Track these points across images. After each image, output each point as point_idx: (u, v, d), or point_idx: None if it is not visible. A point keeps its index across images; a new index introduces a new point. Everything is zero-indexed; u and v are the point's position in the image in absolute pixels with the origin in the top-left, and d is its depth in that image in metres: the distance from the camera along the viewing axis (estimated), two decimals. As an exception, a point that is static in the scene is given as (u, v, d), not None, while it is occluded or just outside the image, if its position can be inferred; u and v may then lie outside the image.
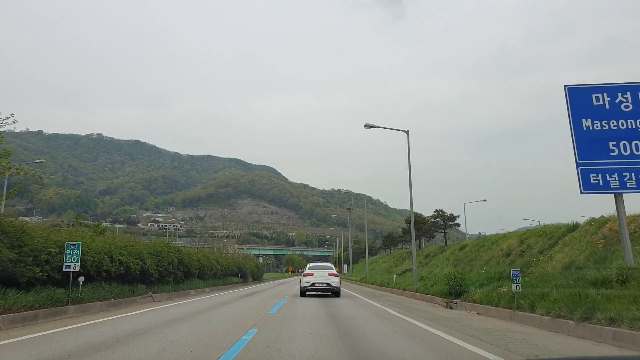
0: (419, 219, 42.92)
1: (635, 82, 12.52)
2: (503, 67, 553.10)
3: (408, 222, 43.27)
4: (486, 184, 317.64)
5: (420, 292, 20.88)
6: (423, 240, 43.20)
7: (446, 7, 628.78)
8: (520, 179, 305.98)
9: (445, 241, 33.47)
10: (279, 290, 27.34)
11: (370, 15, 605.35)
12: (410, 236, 45.01)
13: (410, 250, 44.29)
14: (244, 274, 39.26)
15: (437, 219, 34.00)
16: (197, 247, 30.78)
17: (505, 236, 22.54)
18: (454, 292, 17.03)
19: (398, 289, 25.30)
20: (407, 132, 25.04)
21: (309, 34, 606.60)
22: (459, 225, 33.90)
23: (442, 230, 34.07)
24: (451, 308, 16.16)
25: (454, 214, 33.75)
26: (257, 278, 47.56)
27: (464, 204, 50.66)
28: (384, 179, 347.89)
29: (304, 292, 19.92)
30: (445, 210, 44.95)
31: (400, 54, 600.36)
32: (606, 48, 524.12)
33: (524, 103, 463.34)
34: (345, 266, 74.27)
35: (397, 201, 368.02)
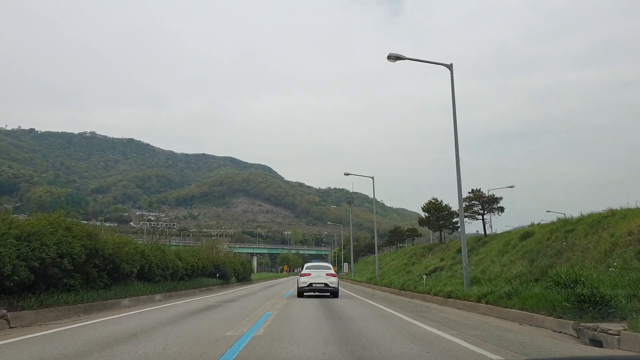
0: (438, 206, 34.51)
1: None
2: (503, 66, 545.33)
3: (427, 210, 34.89)
4: (484, 183, 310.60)
5: (487, 303, 12.44)
6: (444, 232, 34.78)
7: (445, 6, 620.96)
8: (518, 179, 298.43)
9: (485, 231, 24.83)
10: (264, 297, 18.86)
11: (369, 13, 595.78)
12: (429, 226, 36.73)
13: (429, 246, 35.84)
14: (223, 274, 30.67)
15: (473, 202, 25.43)
16: (154, 242, 21.88)
17: (614, 213, 14.09)
18: (590, 310, 8.59)
19: (435, 295, 16.85)
20: (449, 65, 17.33)
21: (308, 34, 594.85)
22: (502, 209, 25.34)
23: (481, 217, 25.46)
24: (600, 344, 7.74)
25: (495, 195, 25.07)
26: (244, 279, 38.98)
27: (488, 190, 42.21)
28: (381, 179, 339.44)
29: (301, 293, 19.04)
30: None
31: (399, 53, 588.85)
32: (606, 48, 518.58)
33: (523, 103, 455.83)
34: (345, 265, 65.38)
35: (394, 200, 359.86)
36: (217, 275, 29.49)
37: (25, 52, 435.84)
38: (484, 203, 24.61)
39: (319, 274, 19.12)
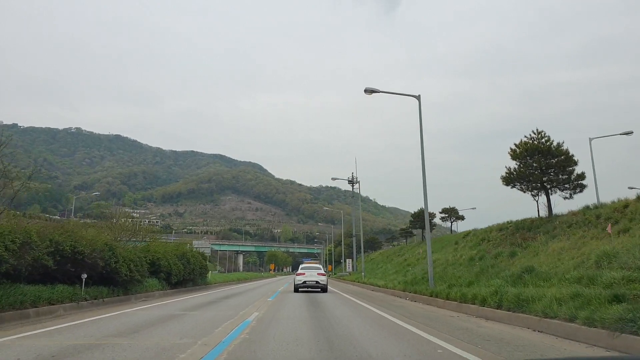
0: (547, 149, 17.44)
1: None
2: (495, 66, 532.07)
3: (519, 156, 17.75)
4: (477, 182, 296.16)
5: None
6: (556, 196, 17.75)
7: (438, 5, 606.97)
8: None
9: None
10: None
11: (361, 10, 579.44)
12: (522, 185, 19.46)
13: (522, 223, 18.64)
14: (106, 274, 13.24)
15: None
16: None
17: None
18: None
19: None
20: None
21: (299, 32, 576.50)
22: None
23: None
24: None
25: None
26: (185, 282, 21.60)
27: (590, 139, 25.54)
28: (373, 178, 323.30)
29: (296, 289, 21.54)
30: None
31: (391, 53, 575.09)
32: (597, 48, 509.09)
33: (514, 102, 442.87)
34: (348, 262, 47.65)
35: (387, 200, 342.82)
36: (84, 277, 12.15)
37: (10, 46, 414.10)
38: None
39: (311, 273, 21.91)
